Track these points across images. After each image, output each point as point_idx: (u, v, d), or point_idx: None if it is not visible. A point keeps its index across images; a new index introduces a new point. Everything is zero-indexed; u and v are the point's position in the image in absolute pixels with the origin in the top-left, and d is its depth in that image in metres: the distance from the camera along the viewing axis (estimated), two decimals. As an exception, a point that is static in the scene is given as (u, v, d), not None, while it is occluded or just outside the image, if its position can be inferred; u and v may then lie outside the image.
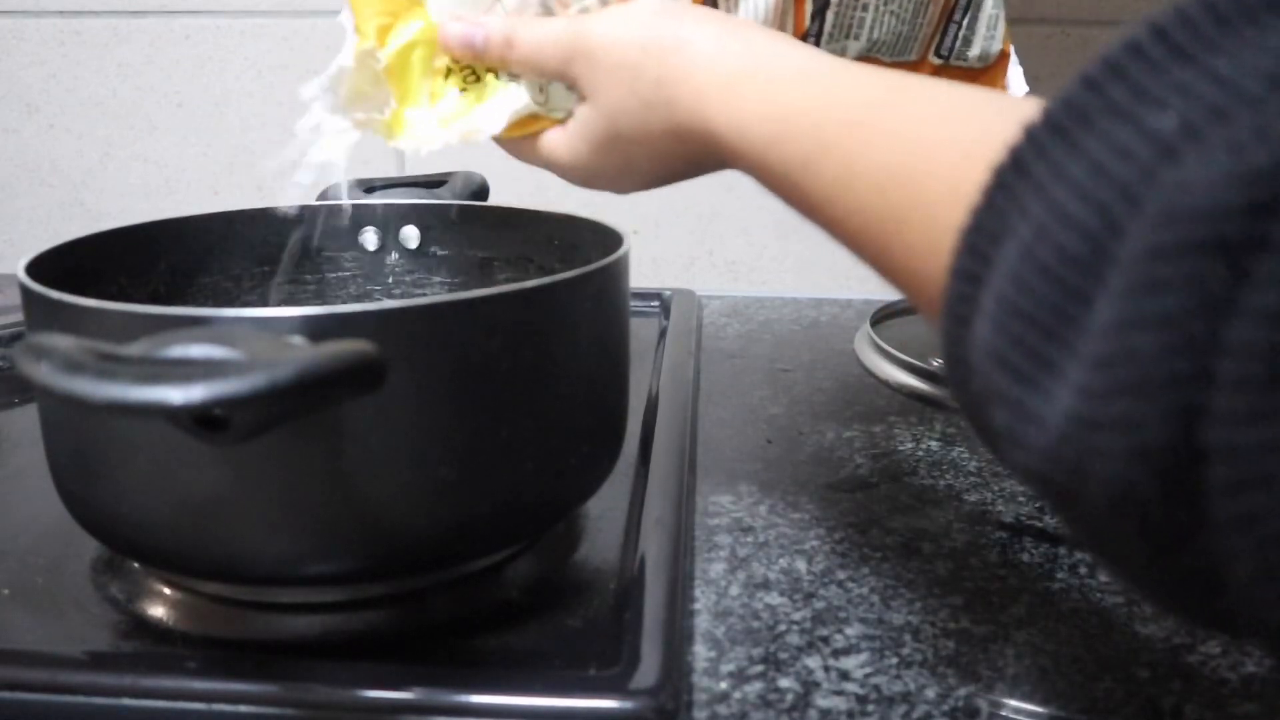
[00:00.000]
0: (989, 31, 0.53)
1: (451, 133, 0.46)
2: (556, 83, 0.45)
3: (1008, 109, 0.27)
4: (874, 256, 0.32)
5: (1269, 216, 0.18)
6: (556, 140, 0.46)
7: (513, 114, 0.46)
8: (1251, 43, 0.20)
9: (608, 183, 0.47)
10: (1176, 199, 0.19)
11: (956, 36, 0.53)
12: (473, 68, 0.46)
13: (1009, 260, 0.23)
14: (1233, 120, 0.19)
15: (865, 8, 0.50)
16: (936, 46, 0.53)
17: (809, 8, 0.49)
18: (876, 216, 0.31)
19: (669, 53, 0.40)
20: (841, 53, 0.51)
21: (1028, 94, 0.55)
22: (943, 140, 0.29)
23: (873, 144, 0.31)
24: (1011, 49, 0.54)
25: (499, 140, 0.48)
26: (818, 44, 0.50)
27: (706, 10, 0.41)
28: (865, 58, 0.52)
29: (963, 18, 0.52)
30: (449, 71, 0.46)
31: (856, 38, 0.50)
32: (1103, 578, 0.45)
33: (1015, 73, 0.54)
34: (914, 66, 0.53)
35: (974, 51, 0.53)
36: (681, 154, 0.42)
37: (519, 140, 0.47)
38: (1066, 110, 0.22)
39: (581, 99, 0.44)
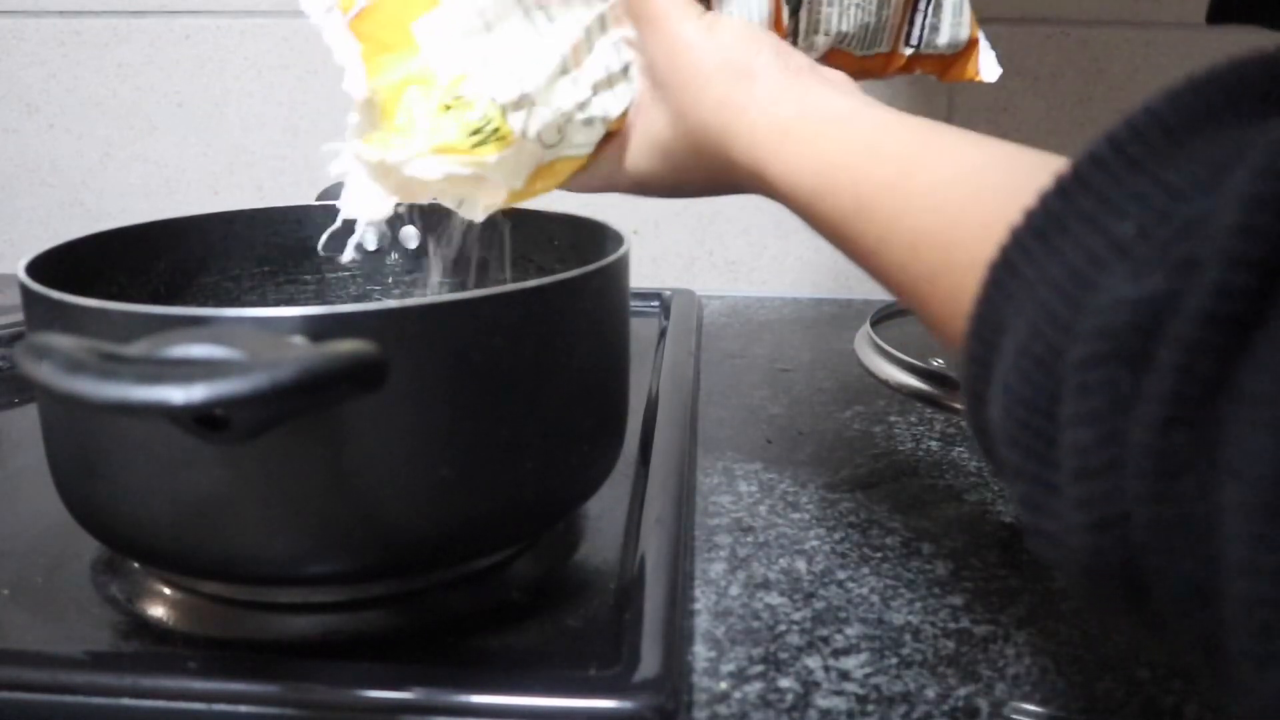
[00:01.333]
0: (955, 18, 0.53)
1: (457, 163, 0.44)
2: (576, 120, 0.45)
3: (1028, 173, 0.29)
4: (915, 308, 0.34)
5: (1151, 334, 0.21)
6: (612, 149, 0.47)
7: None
8: (1193, 153, 0.23)
9: (660, 188, 0.47)
10: (1094, 320, 0.23)
11: (924, 25, 0.53)
12: (483, 127, 0.45)
13: (1009, 353, 0.25)
14: (1172, 222, 0.22)
15: (830, 3, 0.50)
16: (906, 37, 0.53)
17: (786, 8, 0.49)
18: (912, 276, 0.33)
19: (739, 80, 0.41)
20: (810, 49, 0.51)
21: (993, 74, 0.55)
22: (966, 207, 0.31)
23: (905, 208, 0.33)
24: (980, 34, 0.54)
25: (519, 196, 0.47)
26: (795, 43, 0.50)
27: (778, 43, 0.42)
28: (836, 52, 0.51)
29: (928, 6, 0.52)
30: (446, 107, 0.45)
31: (826, 33, 0.50)
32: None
33: (987, 57, 0.54)
34: (887, 58, 0.53)
35: (943, 40, 0.53)
36: (730, 182, 0.43)
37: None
38: (1045, 215, 0.25)
39: (646, 102, 0.45)
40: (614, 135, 0.46)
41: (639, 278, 0.54)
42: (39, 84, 0.93)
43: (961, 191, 0.32)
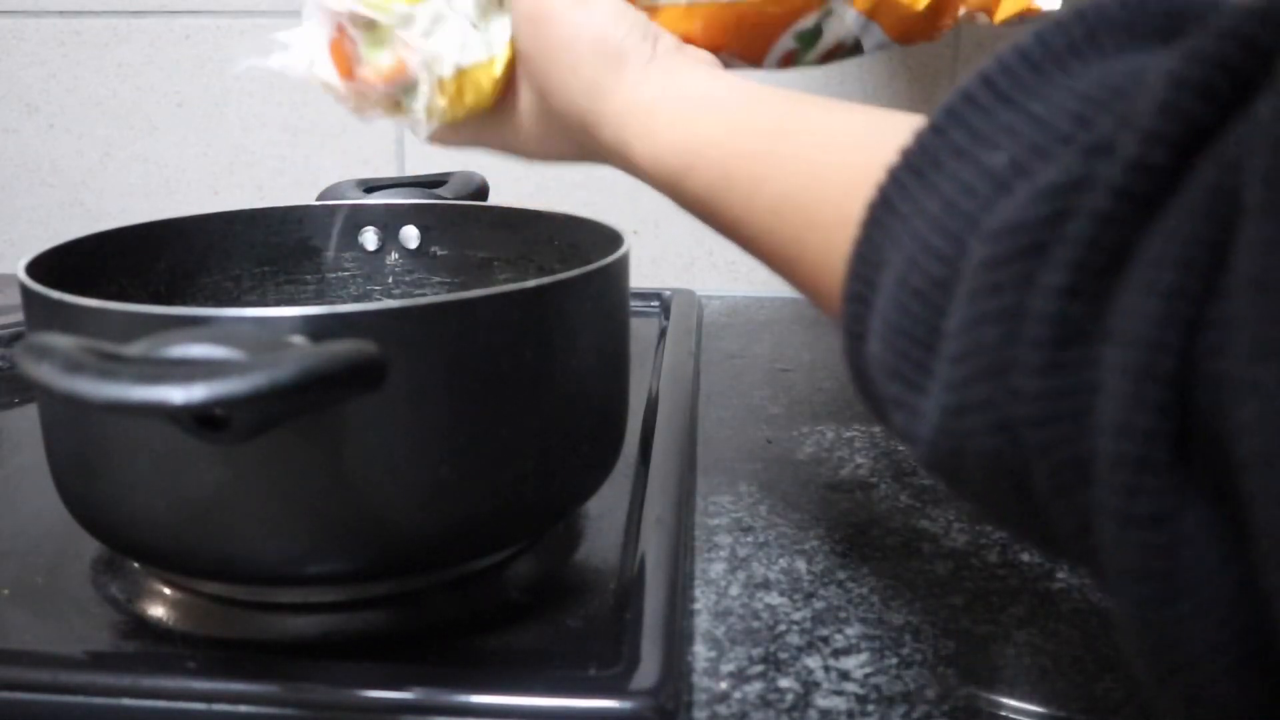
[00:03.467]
0: None
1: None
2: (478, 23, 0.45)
3: (890, 134, 0.30)
4: (784, 274, 0.35)
5: (1063, 219, 0.22)
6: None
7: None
8: (1060, 86, 0.24)
9: (519, 152, 0.48)
10: (1000, 218, 0.23)
11: None
12: None
13: (888, 287, 0.26)
14: (1050, 156, 0.23)
15: None
16: None
17: None
18: (779, 240, 0.34)
19: (609, 63, 0.41)
20: None
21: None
22: (832, 168, 0.32)
23: (771, 174, 0.34)
24: None
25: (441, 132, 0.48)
26: None
27: (645, 23, 0.42)
28: None
29: None
30: None
31: None
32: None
33: None
34: None
35: None
36: (593, 154, 0.44)
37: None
38: (920, 153, 0.26)
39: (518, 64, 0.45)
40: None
41: (639, 278, 0.54)
42: (39, 84, 0.93)
43: (826, 153, 0.32)
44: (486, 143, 0.50)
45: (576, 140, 0.44)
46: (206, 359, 0.30)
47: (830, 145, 0.33)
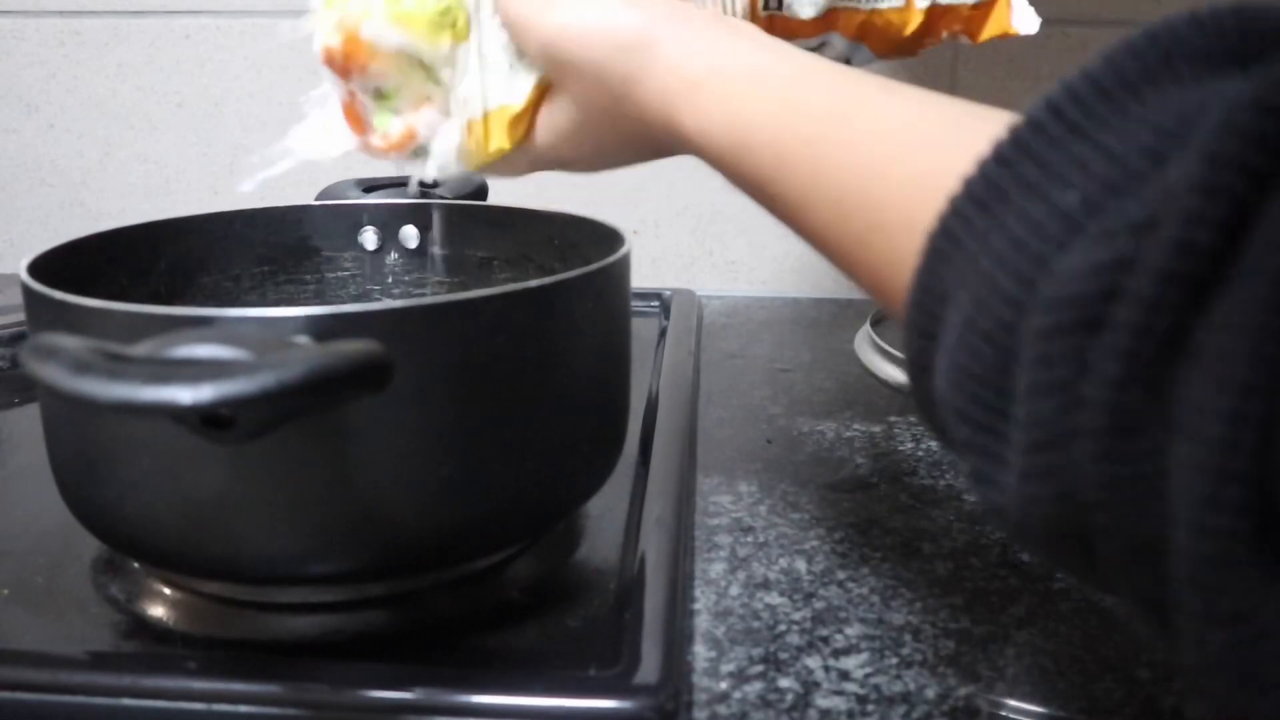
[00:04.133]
0: None
1: (399, 34, 0.43)
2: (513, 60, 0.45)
3: (955, 129, 0.29)
4: (844, 268, 0.33)
5: (1111, 298, 0.21)
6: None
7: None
8: (1135, 116, 0.23)
9: (586, 165, 0.46)
10: (1054, 288, 0.22)
11: None
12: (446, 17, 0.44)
13: (955, 326, 0.25)
14: (1123, 194, 0.22)
15: None
16: None
17: None
18: (839, 235, 0.32)
19: (636, 51, 0.39)
20: (808, 3, 0.49)
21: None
22: (895, 163, 0.30)
23: (828, 165, 0.32)
24: None
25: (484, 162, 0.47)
26: (779, 8, 0.49)
27: (670, 2, 0.40)
28: (834, 9, 0.50)
29: None
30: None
31: None
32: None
33: (1020, 6, 0.50)
34: (903, 13, 0.50)
35: None
36: (653, 146, 0.42)
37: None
38: (985, 184, 0.25)
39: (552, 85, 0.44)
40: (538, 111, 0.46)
41: (639, 278, 0.54)
42: (39, 84, 0.93)
43: (887, 147, 0.31)
44: (545, 167, 0.48)
45: (632, 137, 0.42)
46: (213, 359, 0.30)
47: (892, 136, 0.31)
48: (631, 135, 0.42)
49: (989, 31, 0.51)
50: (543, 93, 0.45)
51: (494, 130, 0.45)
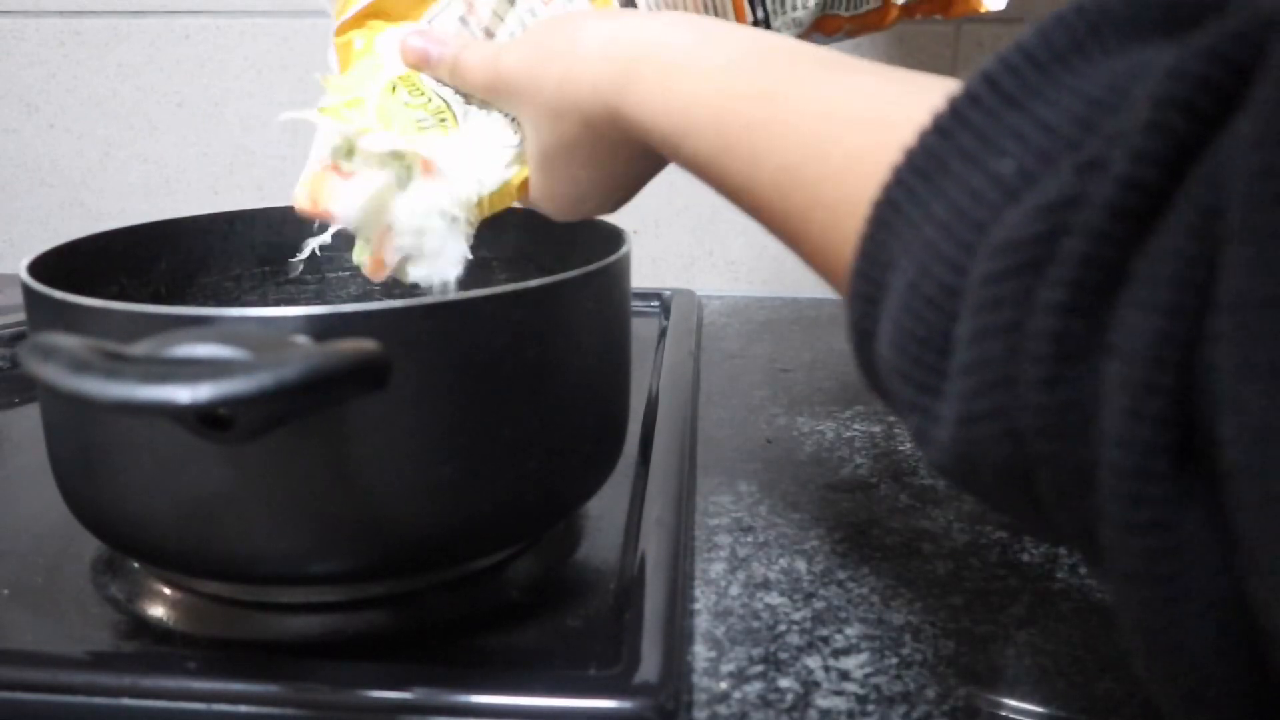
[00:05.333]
0: None
1: (403, 140, 0.44)
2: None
3: (893, 102, 0.29)
4: (789, 244, 0.34)
5: (1058, 236, 0.22)
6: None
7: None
8: (1066, 87, 0.24)
9: (572, 205, 0.46)
10: (1000, 235, 0.23)
11: None
12: (434, 114, 0.45)
13: (898, 291, 0.26)
14: (1057, 163, 0.23)
15: None
16: None
17: None
18: (782, 213, 0.33)
19: (562, 56, 0.40)
20: (793, 25, 0.50)
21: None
22: (832, 141, 0.31)
23: (769, 146, 0.33)
24: None
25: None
26: (768, 26, 0.49)
27: (602, 9, 0.41)
28: (827, 18, 0.51)
29: None
30: (408, 103, 0.46)
31: (805, 6, 0.49)
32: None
33: None
34: (881, 13, 0.52)
35: None
36: (610, 152, 0.41)
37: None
38: (926, 155, 0.26)
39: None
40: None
41: (639, 278, 0.54)
42: (39, 84, 0.93)
43: (824, 126, 0.31)
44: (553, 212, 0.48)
45: (585, 156, 0.42)
46: (212, 359, 0.30)
47: (832, 115, 0.32)
48: (590, 152, 0.42)
49: (959, 10, 0.53)
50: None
51: (494, 202, 0.46)
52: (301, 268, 0.49)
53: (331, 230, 0.45)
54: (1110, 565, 0.22)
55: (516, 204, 0.48)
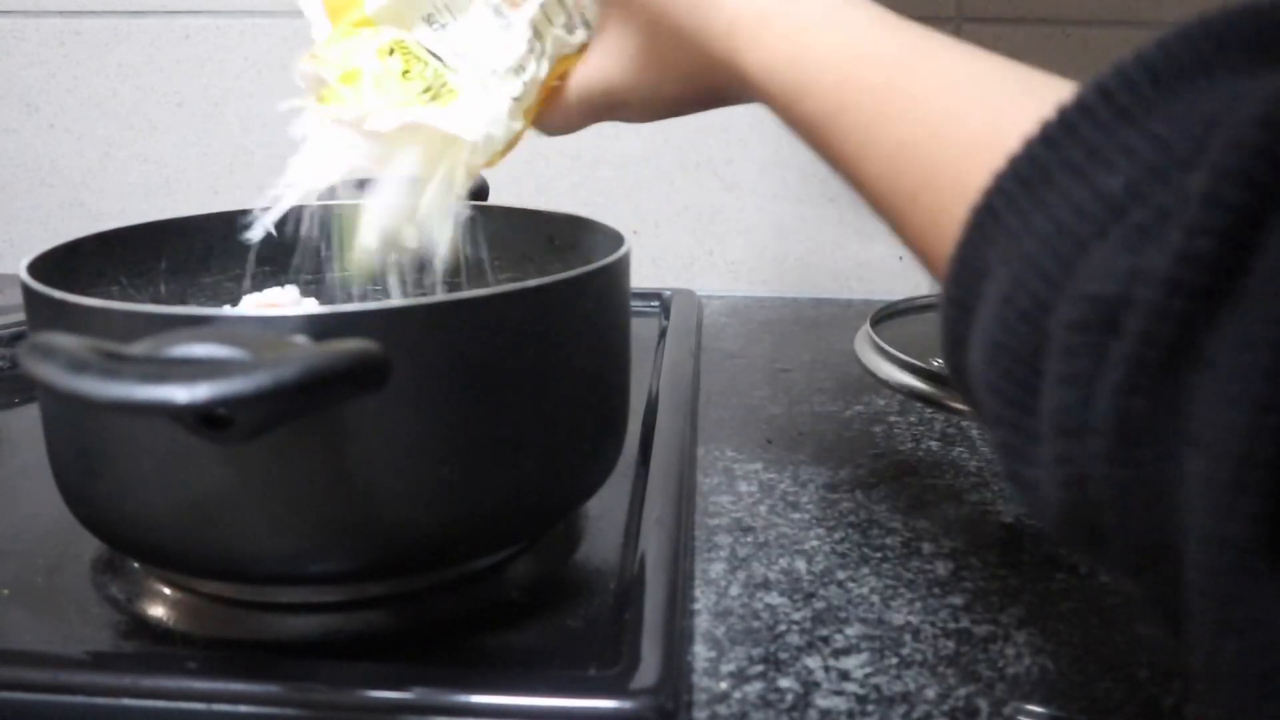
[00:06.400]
0: None
1: (410, 114, 0.44)
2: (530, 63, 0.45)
3: (1017, 93, 0.28)
4: (891, 223, 0.33)
5: (1126, 306, 0.21)
6: (583, 71, 0.45)
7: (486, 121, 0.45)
8: (1186, 103, 0.23)
9: (641, 106, 0.45)
10: (1087, 284, 0.23)
11: None
12: (433, 82, 0.45)
13: (992, 301, 0.25)
14: (1167, 182, 0.22)
15: None
16: None
17: None
18: (891, 189, 0.32)
19: None
20: None
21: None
22: (954, 121, 0.30)
23: (889, 115, 0.32)
24: None
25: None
26: None
27: None
28: None
29: None
30: (405, 71, 0.45)
31: None
32: (1103, 578, 0.45)
33: None
34: None
35: None
36: (710, 83, 0.41)
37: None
38: (1030, 163, 0.25)
39: (612, 22, 0.44)
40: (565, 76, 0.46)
41: (639, 278, 0.54)
42: (39, 84, 0.93)
43: (947, 105, 0.31)
44: (598, 113, 0.47)
45: (691, 74, 0.41)
46: (210, 359, 0.30)
47: (956, 94, 0.31)
48: (691, 71, 0.41)
49: None
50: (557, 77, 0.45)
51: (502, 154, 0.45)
52: (272, 232, 0.48)
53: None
54: (1200, 659, 0.21)
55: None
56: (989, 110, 0.29)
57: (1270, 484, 0.19)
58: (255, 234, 0.47)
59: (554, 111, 0.47)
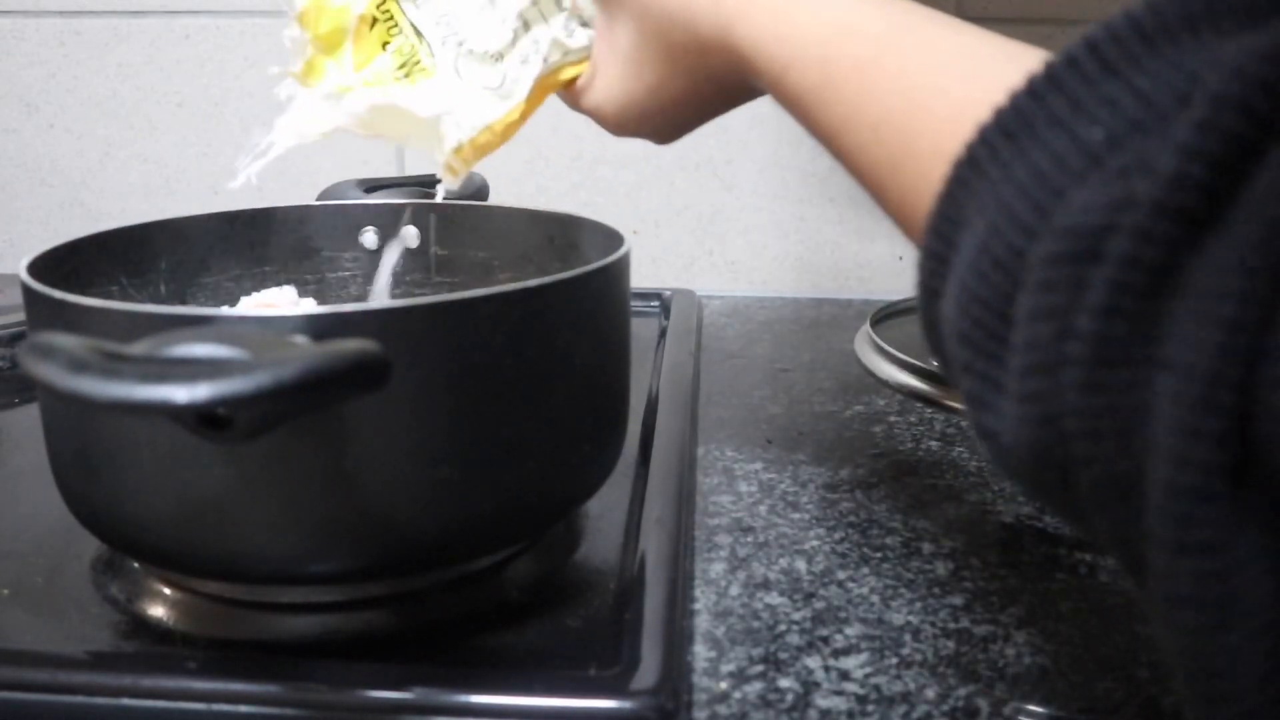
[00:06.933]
0: None
1: (381, 95, 0.44)
2: (513, 59, 0.45)
3: (1000, 65, 0.29)
4: (874, 194, 0.34)
5: (1110, 233, 0.22)
6: (585, 81, 0.46)
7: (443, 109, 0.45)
8: (1170, 61, 0.23)
9: (637, 118, 0.46)
10: (1067, 217, 0.23)
11: None
12: (408, 58, 0.45)
13: (968, 250, 0.25)
14: (1147, 133, 0.22)
15: None
16: None
17: None
18: (873, 159, 0.33)
19: None
20: None
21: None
22: (936, 93, 0.31)
23: (873, 89, 0.33)
24: None
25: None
26: None
27: None
28: None
29: None
30: (385, 43, 0.45)
31: None
32: (1103, 578, 0.45)
33: None
34: None
35: None
36: (706, 73, 0.41)
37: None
38: (1015, 115, 0.25)
39: (603, 26, 0.44)
40: (573, 81, 0.46)
41: (639, 278, 0.54)
42: (39, 84, 0.93)
43: (930, 78, 0.31)
44: (611, 127, 0.47)
45: (678, 66, 0.42)
46: (210, 359, 0.30)
47: (939, 68, 0.31)
48: (688, 63, 0.42)
49: None
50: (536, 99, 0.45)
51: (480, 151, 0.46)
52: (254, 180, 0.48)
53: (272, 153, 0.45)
54: (1157, 587, 0.21)
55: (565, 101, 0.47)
56: (970, 82, 0.30)
57: (1237, 406, 0.19)
58: (238, 182, 0.47)
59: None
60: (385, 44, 0.45)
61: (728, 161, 0.91)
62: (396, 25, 0.45)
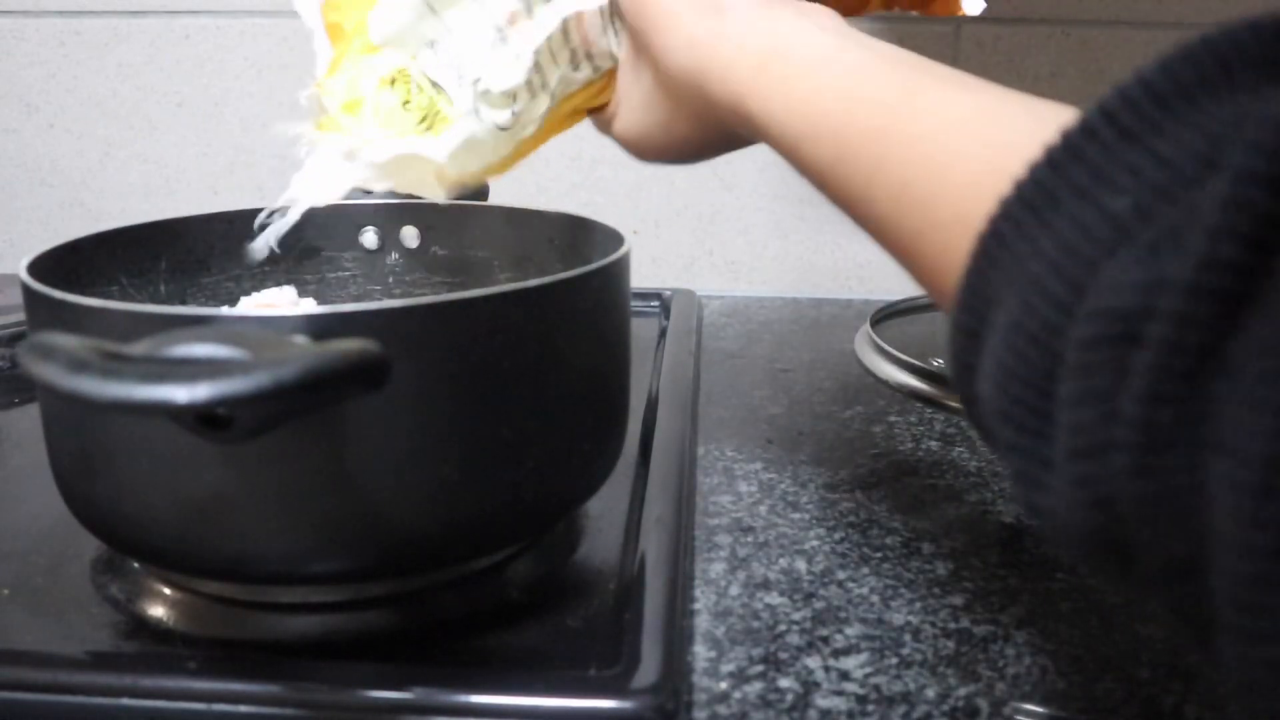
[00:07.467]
0: None
1: (403, 144, 0.45)
2: (532, 94, 0.45)
3: (1015, 122, 0.28)
4: (902, 261, 0.33)
5: (1147, 316, 0.21)
6: (612, 109, 0.47)
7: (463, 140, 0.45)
8: (1189, 122, 0.23)
9: (657, 150, 0.46)
10: (1100, 299, 0.22)
11: None
12: (429, 111, 0.45)
13: (1001, 327, 0.25)
14: (1175, 201, 0.22)
15: None
16: None
17: None
18: (898, 230, 0.32)
19: (706, 15, 0.40)
20: None
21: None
22: (954, 159, 0.30)
23: (889, 159, 0.32)
24: None
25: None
26: None
27: None
28: None
29: None
30: (405, 102, 0.46)
31: None
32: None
33: None
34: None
35: None
36: (719, 127, 0.42)
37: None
38: (1035, 188, 0.25)
39: (630, 59, 0.45)
40: (603, 106, 0.47)
41: (639, 278, 0.54)
42: (39, 84, 0.93)
43: (946, 144, 0.31)
44: (635, 151, 0.48)
45: (690, 113, 0.42)
46: (210, 358, 0.30)
47: (954, 131, 0.31)
48: (697, 111, 0.42)
49: (936, 10, 0.54)
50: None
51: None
52: (269, 252, 0.48)
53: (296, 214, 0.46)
54: (1230, 670, 0.21)
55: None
56: (988, 146, 0.29)
57: None
58: (259, 248, 0.47)
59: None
60: (405, 103, 0.45)
61: (728, 161, 0.90)
62: (417, 85, 0.46)
